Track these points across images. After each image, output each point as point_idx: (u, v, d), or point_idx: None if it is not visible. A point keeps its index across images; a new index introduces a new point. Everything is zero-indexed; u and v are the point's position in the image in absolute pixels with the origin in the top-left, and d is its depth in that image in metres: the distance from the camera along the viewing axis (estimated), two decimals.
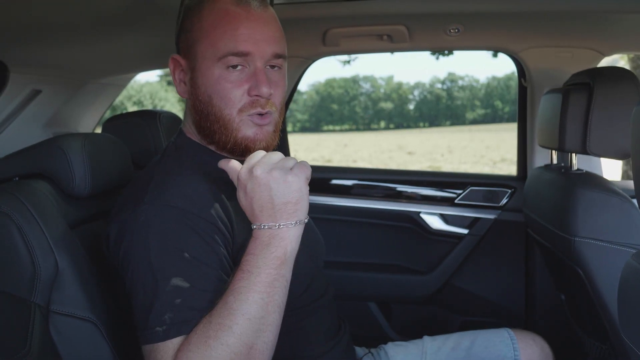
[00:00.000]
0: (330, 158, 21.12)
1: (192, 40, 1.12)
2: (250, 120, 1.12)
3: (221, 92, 1.10)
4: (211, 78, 1.10)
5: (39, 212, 1.11)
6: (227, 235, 1.06)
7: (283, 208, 0.98)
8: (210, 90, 1.11)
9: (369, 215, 2.39)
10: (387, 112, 78.42)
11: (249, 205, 1.00)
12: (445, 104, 77.72)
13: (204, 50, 1.10)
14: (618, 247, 1.44)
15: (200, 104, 1.12)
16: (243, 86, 1.10)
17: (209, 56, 1.10)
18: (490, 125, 56.93)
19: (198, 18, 1.11)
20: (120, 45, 1.84)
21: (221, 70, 1.09)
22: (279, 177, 0.98)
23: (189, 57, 1.13)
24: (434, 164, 17.44)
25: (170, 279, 0.97)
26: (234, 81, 1.10)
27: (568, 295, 1.82)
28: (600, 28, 1.98)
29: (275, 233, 0.98)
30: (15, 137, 1.98)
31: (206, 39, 1.10)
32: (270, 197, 0.98)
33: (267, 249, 0.97)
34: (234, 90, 1.10)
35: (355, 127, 75.62)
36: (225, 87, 1.10)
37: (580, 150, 1.56)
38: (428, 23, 1.97)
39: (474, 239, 2.32)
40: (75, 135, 1.29)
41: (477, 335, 1.47)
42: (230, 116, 1.11)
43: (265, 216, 0.98)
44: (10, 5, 1.20)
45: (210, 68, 1.10)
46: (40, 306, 1.06)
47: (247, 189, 0.99)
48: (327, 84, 79.82)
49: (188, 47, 1.13)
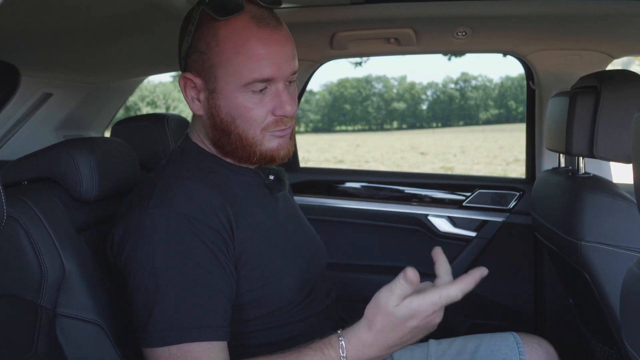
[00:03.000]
0: (343, 159, 21.08)
1: (211, 63, 1.09)
2: (272, 135, 1.13)
3: (245, 115, 1.10)
4: (234, 101, 1.09)
5: (47, 216, 1.13)
6: (229, 242, 1.07)
7: (384, 351, 0.98)
8: (234, 112, 1.10)
9: (377, 218, 2.39)
10: (400, 112, 78.11)
11: (375, 331, 0.97)
12: (458, 104, 77.25)
13: (226, 75, 1.08)
14: (625, 251, 1.43)
15: (222, 123, 1.12)
16: (266, 106, 1.10)
17: (232, 81, 1.08)
18: (503, 125, 56.50)
19: (215, 41, 1.08)
20: (130, 49, 1.85)
21: (244, 94, 1.09)
22: (416, 335, 0.98)
23: (206, 78, 1.11)
24: (447, 165, 17.35)
25: (172, 284, 0.98)
26: (256, 103, 1.10)
27: (576, 299, 1.81)
28: (609, 30, 1.97)
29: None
30: (27, 140, 2.01)
31: (228, 64, 1.07)
32: (388, 343, 0.97)
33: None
34: (258, 111, 1.10)
35: (367, 127, 75.42)
36: (249, 108, 1.10)
37: (587, 154, 1.55)
38: (435, 26, 1.97)
39: (482, 242, 2.31)
40: (84, 140, 1.31)
41: (482, 339, 1.47)
42: (254, 135, 1.11)
43: (370, 347, 0.98)
44: (22, 10, 1.22)
45: (233, 92, 1.09)
46: (47, 309, 1.08)
47: (392, 321, 0.96)
48: (339, 84, 79.67)
49: (205, 68, 1.10)
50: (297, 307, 1.17)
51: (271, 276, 1.12)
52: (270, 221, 1.18)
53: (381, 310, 0.96)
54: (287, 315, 1.15)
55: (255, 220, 1.14)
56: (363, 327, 0.98)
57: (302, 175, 2.49)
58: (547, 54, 2.14)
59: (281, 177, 1.26)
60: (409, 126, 73.63)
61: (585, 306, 1.69)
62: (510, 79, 71.56)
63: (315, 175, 2.53)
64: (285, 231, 1.22)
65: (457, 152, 22.75)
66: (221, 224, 1.06)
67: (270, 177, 1.23)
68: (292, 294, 1.16)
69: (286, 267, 1.16)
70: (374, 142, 34.14)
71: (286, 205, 1.30)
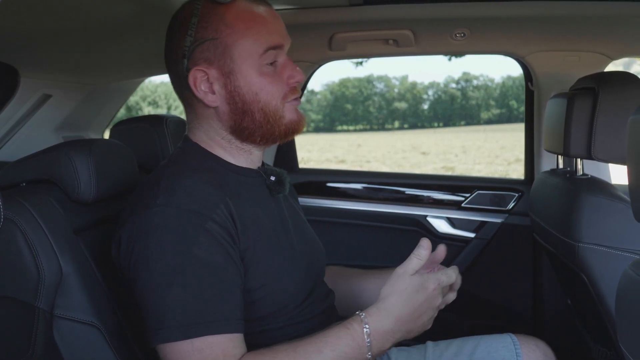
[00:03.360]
0: (344, 158, 21.07)
1: (224, 45, 1.12)
2: (290, 104, 1.18)
3: (266, 88, 1.15)
4: (254, 76, 1.14)
5: (44, 218, 1.13)
6: (235, 237, 1.08)
7: (399, 325, 1.06)
8: (255, 87, 1.14)
9: (376, 219, 2.39)
10: (401, 112, 78.07)
11: (390, 303, 1.07)
12: (459, 104, 77.16)
13: (242, 51, 1.13)
14: (622, 253, 1.43)
15: (243, 103, 1.15)
16: (281, 76, 1.17)
17: (249, 56, 1.13)
18: (505, 125, 56.45)
19: (224, 24, 1.12)
20: (130, 51, 1.86)
21: (260, 67, 1.14)
22: (421, 315, 1.09)
23: (221, 63, 1.13)
24: (448, 165, 17.34)
25: (188, 279, 0.99)
26: (272, 74, 1.16)
27: (574, 300, 1.81)
28: (607, 31, 1.97)
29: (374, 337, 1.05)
30: (26, 141, 2.01)
31: (242, 41, 1.12)
32: (402, 317, 1.06)
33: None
34: (276, 83, 1.16)
35: (369, 127, 75.36)
36: (269, 81, 1.15)
37: (584, 156, 1.55)
38: (434, 27, 1.97)
39: (481, 243, 2.31)
40: (82, 142, 1.31)
41: (479, 341, 1.47)
42: (276, 106, 1.16)
43: (387, 320, 1.06)
44: (21, 11, 1.22)
45: (251, 67, 1.13)
46: (44, 311, 1.08)
47: (405, 291, 1.07)
48: (341, 84, 79.62)
49: (218, 54, 1.13)
50: (296, 310, 1.17)
51: (270, 277, 1.12)
52: (270, 222, 1.18)
53: (398, 280, 1.08)
54: (285, 317, 1.15)
55: (256, 219, 1.14)
56: (381, 302, 1.07)
57: (300, 176, 2.49)
58: (545, 55, 2.14)
59: (282, 179, 1.26)
60: (411, 126, 73.56)
61: (583, 307, 1.69)
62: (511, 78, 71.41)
63: (313, 176, 2.53)
64: (284, 232, 1.22)
65: (459, 152, 22.73)
66: (227, 219, 1.07)
67: (271, 178, 1.24)
68: (291, 295, 1.16)
69: (285, 269, 1.16)
70: (375, 141, 34.11)
71: (287, 206, 1.30)
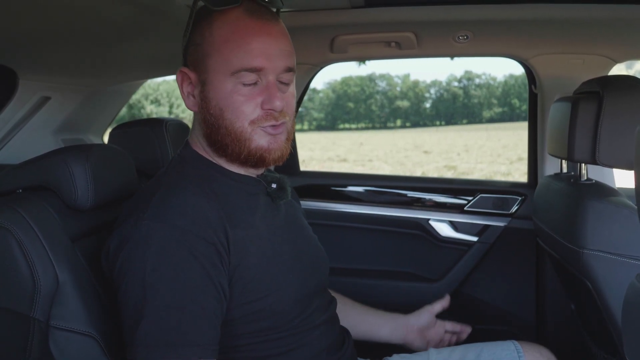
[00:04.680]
0: (346, 157, 21.07)
1: (203, 53, 1.09)
2: (263, 130, 1.10)
3: (233, 105, 1.08)
4: (223, 92, 1.08)
5: (40, 226, 1.11)
6: (224, 256, 1.05)
7: None
8: (222, 103, 1.09)
9: (378, 222, 2.38)
10: (404, 111, 78.12)
11: None
12: (462, 102, 77.21)
13: (215, 64, 1.08)
14: (627, 260, 1.41)
15: (211, 117, 1.10)
16: (256, 99, 1.09)
17: (221, 70, 1.08)
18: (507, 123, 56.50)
19: (209, 31, 1.09)
20: (129, 53, 1.84)
21: (233, 85, 1.08)
22: None
23: (198, 70, 1.11)
24: (450, 163, 17.33)
25: (160, 299, 0.97)
26: (246, 95, 1.08)
27: (578, 306, 1.79)
28: (612, 34, 1.95)
29: None
30: (25, 143, 2.00)
31: (218, 53, 1.08)
32: None
33: None
34: (247, 104, 1.09)
35: (371, 125, 75.44)
36: (238, 100, 1.08)
37: (589, 161, 1.53)
38: (436, 30, 1.95)
39: (484, 247, 2.29)
40: (79, 147, 1.29)
41: (483, 348, 1.46)
42: (242, 128, 1.09)
43: None
44: (20, 13, 1.21)
45: (222, 82, 1.08)
46: (40, 321, 1.06)
47: None
48: (343, 82, 79.69)
49: (198, 60, 1.11)
50: (295, 320, 1.15)
51: (268, 289, 1.10)
52: (269, 231, 1.16)
53: None
54: (284, 328, 1.13)
55: (252, 231, 1.12)
56: None
57: (302, 179, 2.48)
58: (549, 58, 2.12)
59: (283, 185, 1.24)
60: (413, 124, 73.66)
61: (588, 314, 1.68)
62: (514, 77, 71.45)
63: (315, 179, 2.51)
64: (286, 241, 1.20)
65: (461, 151, 22.73)
66: (216, 237, 1.04)
67: (272, 186, 1.22)
68: (290, 306, 1.14)
69: (284, 279, 1.14)
70: (377, 140, 34.16)
71: (288, 213, 1.28)
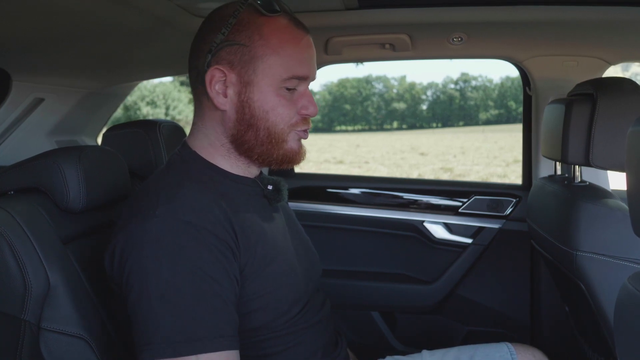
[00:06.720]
0: (343, 159, 21.09)
1: (252, 55, 1.11)
2: (297, 134, 1.17)
3: (277, 109, 1.13)
4: (270, 95, 1.12)
5: (31, 228, 1.11)
6: (235, 251, 1.05)
7: None
8: (268, 106, 1.12)
9: (373, 224, 2.38)
10: (400, 113, 78.26)
11: None
12: (458, 104, 77.39)
13: (268, 67, 1.11)
14: (620, 262, 1.42)
15: (251, 117, 1.13)
16: (296, 105, 1.15)
17: (273, 75, 1.11)
18: (503, 125, 56.63)
19: (259, 34, 1.11)
20: (124, 55, 1.83)
21: (280, 89, 1.12)
22: None
23: (243, 71, 1.12)
24: (447, 165, 17.35)
25: (182, 294, 0.96)
26: (288, 99, 1.14)
27: (572, 307, 1.80)
28: (606, 36, 1.95)
29: None
30: (19, 145, 1.99)
31: (272, 57, 1.10)
32: None
33: None
34: (289, 108, 1.14)
35: (368, 127, 75.57)
36: (282, 103, 1.13)
37: (583, 163, 1.53)
38: (431, 32, 1.95)
39: (478, 249, 2.30)
40: (71, 149, 1.29)
41: (476, 350, 1.46)
42: (282, 130, 1.14)
43: None
44: (13, 14, 1.20)
45: (271, 85, 1.12)
46: (31, 323, 1.06)
47: None
48: (339, 84, 79.82)
49: (244, 61, 1.11)
50: (293, 319, 1.15)
51: (269, 287, 1.11)
52: (269, 233, 1.17)
53: None
54: (280, 327, 1.14)
55: (257, 230, 1.13)
56: None
57: (297, 181, 2.48)
58: (543, 60, 2.12)
59: (280, 187, 1.25)
60: (409, 126, 73.75)
61: (581, 315, 1.68)
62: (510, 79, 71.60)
63: (310, 181, 2.51)
64: (283, 242, 1.20)
65: (457, 153, 22.77)
66: (227, 233, 1.05)
67: (268, 187, 1.23)
68: (289, 305, 1.14)
69: (284, 279, 1.14)
70: (374, 142, 34.20)
71: (284, 215, 1.29)
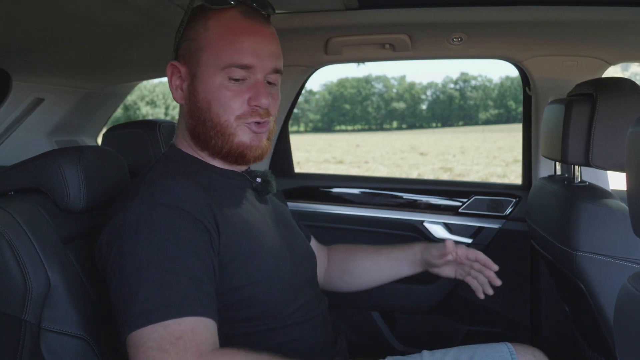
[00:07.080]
0: (342, 159, 21.08)
1: (197, 48, 1.15)
2: (248, 127, 1.16)
3: (221, 100, 1.14)
4: (212, 85, 1.14)
5: (31, 228, 1.11)
6: (213, 235, 1.07)
7: None
8: (210, 97, 1.14)
9: (373, 224, 2.38)
10: (400, 112, 78.27)
11: None
12: (458, 104, 77.40)
13: (207, 58, 1.13)
14: (621, 262, 1.42)
15: (197, 110, 1.16)
16: (243, 96, 1.14)
17: (212, 64, 1.13)
18: (503, 125, 56.64)
19: (204, 27, 1.15)
20: (123, 55, 1.84)
21: (223, 80, 1.13)
22: None
23: (190, 64, 1.16)
24: (447, 165, 17.35)
25: (155, 269, 0.97)
26: (234, 90, 1.14)
27: (572, 307, 1.80)
28: (605, 36, 1.95)
29: None
30: (19, 145, 1.99)
31: (211, 48, 1.13)
32: None
33: None
34: (234, 99, 1.14)
35: (367, 127, 75.58)
36: (226, 95, 1.14)
37: (583, 163, 1.53)
38: (431, 32, 1.95)
39: (478, 249, 2.28)
40: (71, 149, 1.29)
41: (476, 350, 1.46)
42: (227, 122, 1.14)
43: None
44: (14, 15, 1.20)
45: (212, 76, 1.13)
46: (31, 324, 1.06)
47: None
48: (339, 84, 79.82)
49: (191, 55, 1.16)
50: (287, 311, 1.17)
51: (257, 275, 1.12)
52: (256, 223, 1.19)
53: None
54: (277, 318, 1.15)
55: (241, 221, 1.14)
56: None
57: (296, 181, 2.48)
58: (543, 60, 2.12)
59: (268, 179, 1.27)
60: (409, 126, 73.74)
61: (581, 315, 1.68)
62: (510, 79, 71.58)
63: (309, 181, 2.51)
64: (272, 233, 1.22)
65: (457, 153, 22.77)
66: (205, 217, 1.06)
67: (257, 180, 1.25)
68: (280, 294, 1.16)
69: (273, 268, 1.16)
70: (374, 142, 34.20)
71: (274, 209, 1.31)
